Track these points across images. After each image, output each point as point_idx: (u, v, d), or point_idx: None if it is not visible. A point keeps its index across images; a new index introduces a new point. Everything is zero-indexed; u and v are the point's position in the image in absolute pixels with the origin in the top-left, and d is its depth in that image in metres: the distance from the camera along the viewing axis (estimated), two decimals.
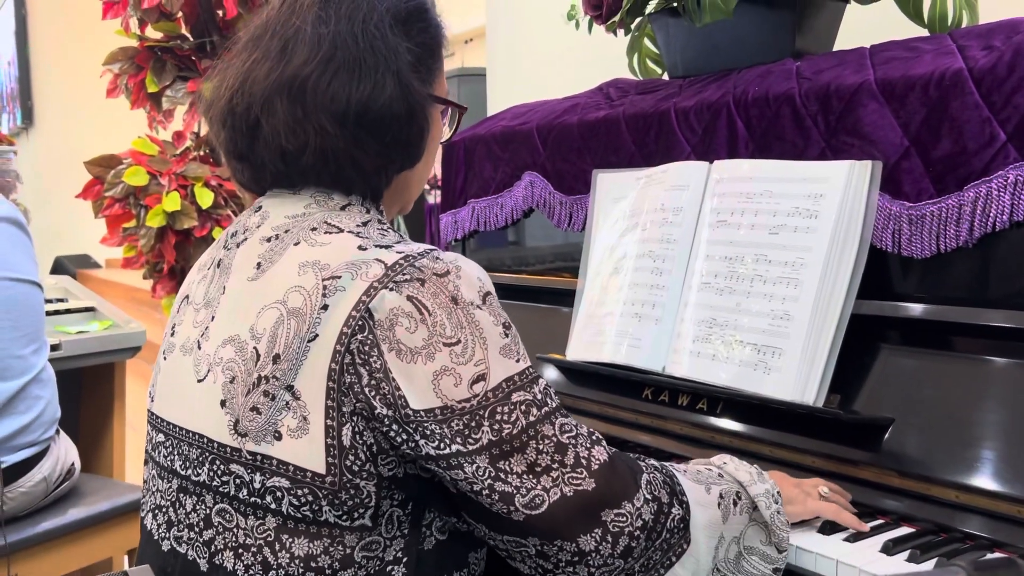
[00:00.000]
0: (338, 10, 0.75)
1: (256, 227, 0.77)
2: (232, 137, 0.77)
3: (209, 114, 0.79)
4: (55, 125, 8.98)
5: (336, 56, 0.74)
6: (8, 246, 1.26)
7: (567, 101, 1.44)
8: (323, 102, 0.73)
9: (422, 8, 0.81)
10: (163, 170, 2.42)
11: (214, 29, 2.57)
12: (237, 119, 0.76)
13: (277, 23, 0.77)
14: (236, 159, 0.79)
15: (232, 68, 0.77)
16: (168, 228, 2.37)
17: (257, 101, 0.74)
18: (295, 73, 0.73)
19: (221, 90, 0.77)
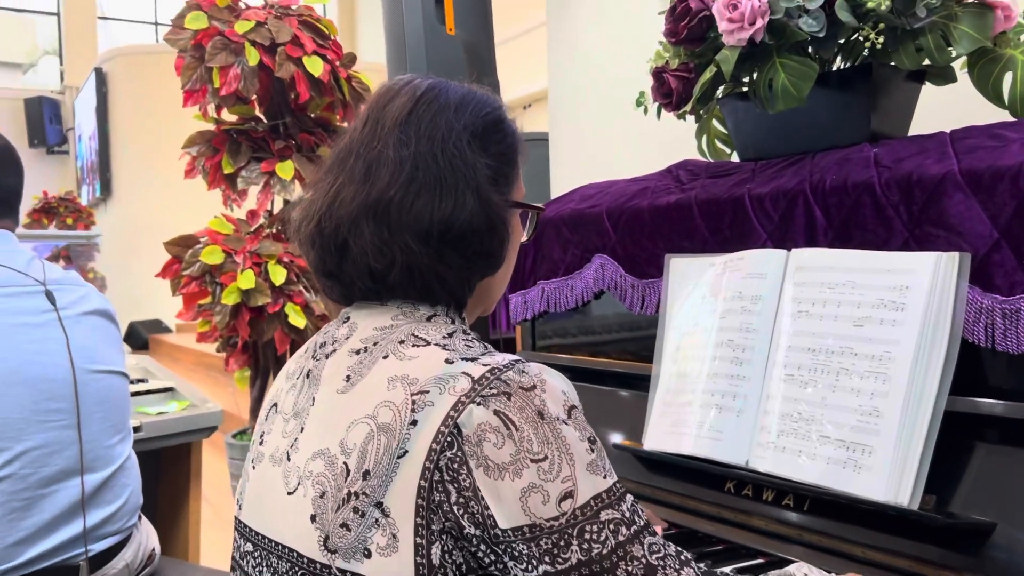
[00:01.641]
0: (418, 131, 0.78)
1: (345, 339, 0.79)
2: (321, 257, 0.80)
3: (298, 236, 0.82)
4: (131, 196, 9.38)
5: (418, 177, 0.76)
6: (100, 339, 1.31)
7: (636, 184, 1.45)
8: (407, 222, 0.75)
9: (498, 120, 0.82)
10: (238, 248, 2.50)
11: (287, 111, 2.67)
12: (326, 240, 0.78)
13: (360, 146, 0.80)
14: (326, 277, 0.82)
15: (319, 191, 0.80)
16: (243, 305, 2.43)
17: (344, 223, 0.77)
18: (380, 196, 0.76)
19: (309, 213, 0.80)
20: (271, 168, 2.56)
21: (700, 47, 1.22)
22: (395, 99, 0.81)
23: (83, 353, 1.26)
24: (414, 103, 0.79)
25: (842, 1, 1.05)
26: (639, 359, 1.38)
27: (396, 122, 0.78)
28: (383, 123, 0.79)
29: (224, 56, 2.41)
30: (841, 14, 1.05)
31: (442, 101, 0.80)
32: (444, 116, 0.79)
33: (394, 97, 0.81)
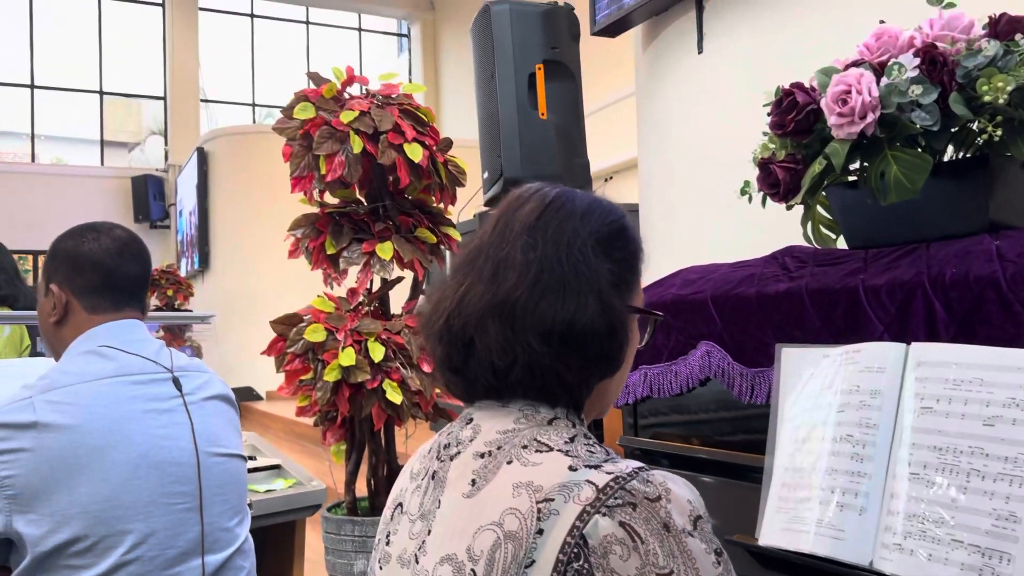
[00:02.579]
0: (544, 235, 0.81)
1: (469, 441, 0.82)
2: (448, 352, 0.83)
3: (427, 331, 0.86)
4: (226, 268, 9.80)
5: (543, 279, 0.79)
6: (221, 423, 1.37)
7: (740, 269, 1.45)
8: (531, 322, 0.78)
9: (622, 228, 0.86)
10: (339, 326, 2.58)
11: (386, 194, 2.77)
12: (454, 337, 0.82)
13: (490, 247, 0.84)
14: (451, 372, 0.85)
15: (449, 289, 0.84)
16: (343, 381, 2.50)
17: (472, 321, 0.80)
18: (506, 296, 0.79)
19: (439, 309, 0.84)
20: (371, 249, 2.65)
21: (807, 139, 1.23)
22: (525, 205, 0.85)
23: (206, 437, 1.32)
24: (543, 209, 0.83)
25: (957, 95, 1.05)
26: (745, 449, 1.36)
27: (524, 226, 0.82)
28: (512, 227, 0.83)
29: (330, 144, 2.53)
30: (956, 107, 1.05)
31: (569, 208, 0.84)
32: (571, 222, 0.83)
33: (524, 203, 0.85)
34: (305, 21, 13.70)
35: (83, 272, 1.32)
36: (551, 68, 2.78)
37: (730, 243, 2.16)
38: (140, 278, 1.37)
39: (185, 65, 12.39)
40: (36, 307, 3.53)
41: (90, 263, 1.32)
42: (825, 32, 1.95)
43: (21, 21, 11.90)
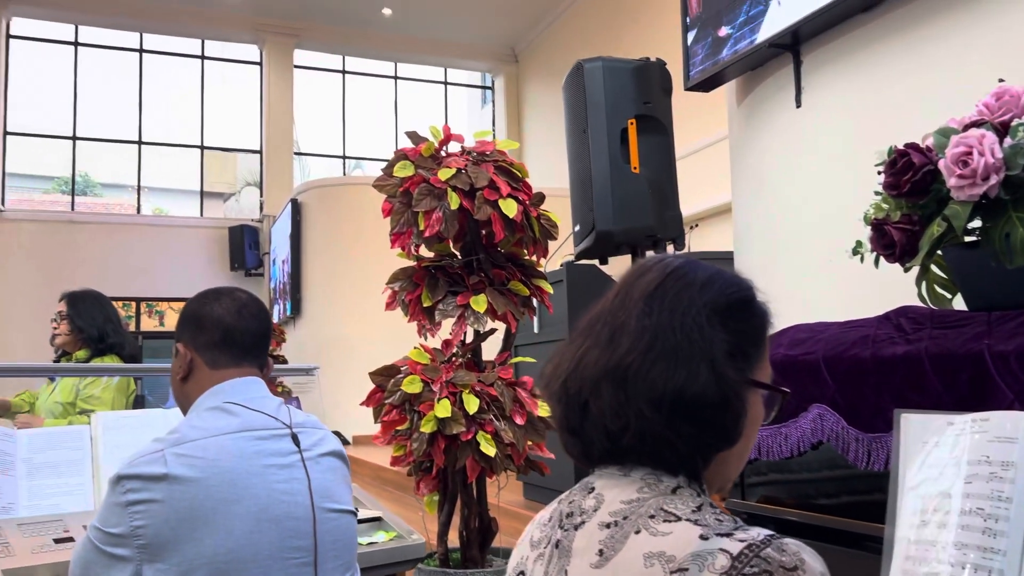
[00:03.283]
0: (661, 303, 0.83)
1: (592, 510, 0.82)
2: (566, 414, 0.85)
3: (547, 391, 0.89)
4: (317, 315, 10.08)
5: (656, 346, 0.80)
6: (334, 479, 1.41)
7: (852, 330, 1.42)
8: (642, 388, 0.79)
9: (744, 300, 0.86)
10: (434, 378, 2.62)
11: (480, 248, 2.82)
12: (571, 399, 0.84)
13: (608, 314, 0.86)
14: (569, 433, 0.87)
15: (568, 352, 0.87)
16: (438, 433, 2.53)
17: (587, 384, 0.82)
18: (619, 361, 0.81)
19: (558, 371, 0.86)
20: (466, 301, 2.69)
21: (923, 200, 1.21)
22: (647, 274, 0.87)
23: (322, 493, 1.36)
24: (663, 278, 0.85)
25: None
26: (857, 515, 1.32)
27: (643, 294, 0.84)
28: (632, 294, 0.85)
29: (429, 201, 2.60)
30: None
31: (689, 278, 0.85)
32: (688, 292, 0.84)
33: (646, 272, 0.87)
34: (393, 76, 14.18)
35: (205, 330, 1.39)
36: (643, 123, 2.80)
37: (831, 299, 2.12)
38: (258, 334, 1.43)
39: (280, 120, 12.95)
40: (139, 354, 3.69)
41: (211, 321, 1.39)
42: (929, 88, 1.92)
43: (131, 83, 12.68)
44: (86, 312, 3.27)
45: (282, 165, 12.93)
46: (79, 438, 1.83)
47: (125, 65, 12.74)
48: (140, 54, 12.75)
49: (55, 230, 11.76)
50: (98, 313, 3.28)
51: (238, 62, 13.38)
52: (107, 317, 3.32)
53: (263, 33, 12.84)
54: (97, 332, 3.24)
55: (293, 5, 12.39)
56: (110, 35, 12.62)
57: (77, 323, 3.25)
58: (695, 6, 2.53)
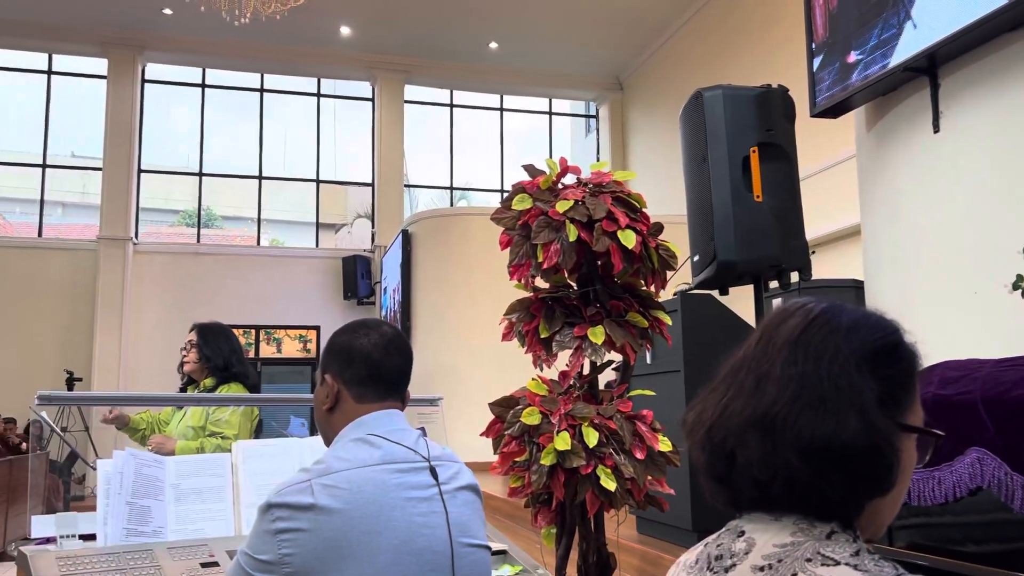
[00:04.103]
0: (805, 351, 0.82)
1: (744, 553, 0.81)
2: (710, 462, 0.86)
3: (690, 439, 0.89)
4: (427, 343, 10.26)
5: (802, 395, 0.80)
6: (470, 513, 1.42)
7: (1011, 369, 1.34)
8: (790, 438, 0.78)
9: (892, 345, 0.83)
10: (553, 410, 2.62)
11: (596, 279, 2.82)
12: (715, 448, 0.84)
13: (752, 361, 0.86)
14: (715, 481, 0.87)
15: (711, 400, 0.87)
16: (558, 465, 2.52)
17: (733, 433, 0.82)
18: (766, 410, 0.80)
19: (702, 419, 0.87)
20: (583, 333, 2.69)
21: None
22: (789, 320, 0.86)
23: (459, 527, 1.38)
24: (806, 324, 0.84)
25: None
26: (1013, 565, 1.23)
27: (787, 341, 0.83)
28: (775, 341, 0.85)
29: (547, 233, 2.62)
30: None
31: (834, 324, 0.84)
32: (834, 338, 0.82)
33: (788, 318, 0.86)
34: (499, 108, 14.42)
35: (353, 364, 1.43)
36: (766, 150, 2.75)
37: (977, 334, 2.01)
38: (402, 371, 1.47)
39: (391, 153, 13.36)
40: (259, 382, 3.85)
41: (360, 356, 1.44)
42: None
43: (252, 121, 13.36)
44: (214, 343, 3.46)
45: (392, 197, 13.31)
46: (221, 465, 1.91)
47: (247, 104, 13.44)
48: (261, 94, 13.42)
49: (182, 261, 12.45)
50: (225, 344, 3.47)
51: (351, 99, 13.90)
52: (232, 348, 3.50)
53: (375, 70, 13.31)
54: (223, 362, 3.43)
55: (404, 42, 12.81)
56: (234, 77, 13.34)
57: (205, 352, 3.44)
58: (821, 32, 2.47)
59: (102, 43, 12.23)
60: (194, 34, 12.21)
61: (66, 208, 13.77)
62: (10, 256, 11.91)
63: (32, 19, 11.75)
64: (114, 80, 12.37)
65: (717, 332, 3.86)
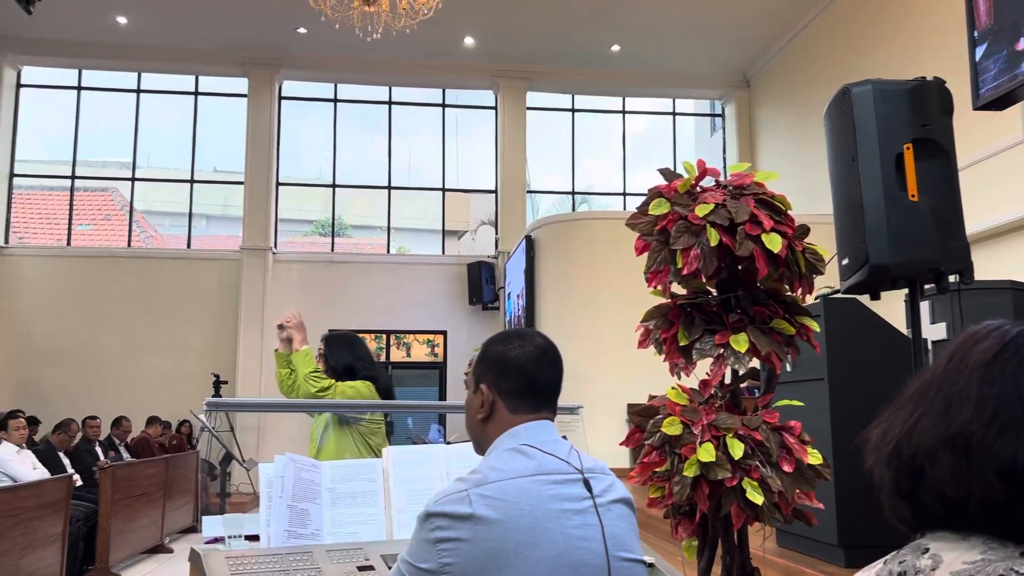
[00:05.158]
0: (1003, 372, 0.81)
1: (930, 570, 0.80)
2: (896, 479, 0.86)
3: (875, 455, 0.90)
4: None
5: (999, 416, 0.79)
6: (626, 527, 1.40)
7: None
8: (987, 459, 0.78)
9: None
10: (694, 420, 2.55)
11: (738, 285, 2.73)
12: (903, 464, 0.85)
13: (942, 380, 0.86)
14: (899, 497, 0.87)
15: (898, 417, 0.88)
16: (701, 477, 2.45)
17: (922, 451, 0.83)
18: (960, 430, 0.80)
19: (888, 436, 0.88)
20: (725, 340, 2.61)
21: None
22: (982, 342, 0.86)
23: (614, 541, 1.35)
24: (1001, 347, 0.84)
25: None
26: None
27: (981, 363, 0.83)
28: (967, 362, 0.85)
29: (686, 238, 2.56)
30: None
31: None
32: None
33: (980, 340, 0.86)
34: (621, 111, 14.31)
35: (509, 375, 1.44)
36: (921, 147, 2.59)
37: None
38: (555, 383, 1.47)
39: (514, 160, 13.49)
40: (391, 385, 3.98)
41: (515, 367, 1.44)
42: None
43: (380, 134, 13.80)
44: (337, 351, 3.69)
45: (515, 203, 13.44)
46: (373, 470, 1.96)
47: (375, 117, 13.90)
48: (389, 106, 13.85)
49: (317, 269, 12.99)
50: (347, 353, 3.69)
51: (475, 107, 14.14)
52: (356, 355, 3.70)
53: (498, 78, 13.48)
54: (343, 369, 3.60)
55: (526, 50, 12.92)
56: (363, 91, 13.83)
57: (329, 361, 3.66)
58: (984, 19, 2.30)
59: (243, 63, 12.94)
60: (326, 51, 12.74)
61: (210, 220, 14.64)
62: (162, 266, 12.77)
63: (181, 45, 12.58)
64: (254, 98, 13.07)
65: (863, 338, 3.67)
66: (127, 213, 13.54)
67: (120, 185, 13.86)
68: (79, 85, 13.20)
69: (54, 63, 12.98)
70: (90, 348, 12.24)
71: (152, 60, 12.87)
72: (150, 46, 12.60)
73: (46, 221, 13.98)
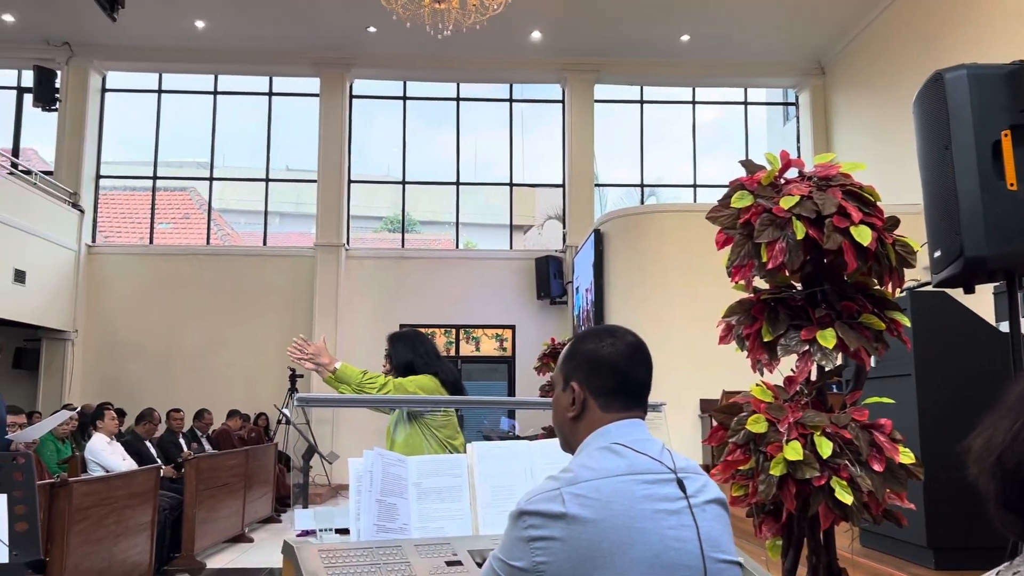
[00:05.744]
0: None
1: None
2: (1002, 490, 0.84)
3: (978, 466, 0.87)
4: None
5: None
6: (720, 528, 1.37)
7: None
8: None
9: None
10: (780, 417, 2.50)
11: (824, 279, 2.65)
12: (1007, 475, 0.83)
13: None
14: (1006, 510, 0.84)
15: (1001, 426, 0.85)
16: (788, 476, 2.40)
17: None
18: None
19: (991, 446, 0.85)
20: (811, 336, 2.54)
21: None
22: None
23: (710, 542, 1.33)
24: None
25: None
26: None
27: None
28: None
29: (771, 231, 2.50)
30: None
31: None
32: None
33: None
34: (691, 101, 14.09)
35: (601, 374, 1.42)
36: (1020, 133, 2.47)
37: None
38: (647, 382, 1.45)
39: (582, 154, 13.42)
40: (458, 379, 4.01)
41: (608, 366, 1.42)
42: None
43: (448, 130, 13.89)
44: (399, 350, 3.82)
45: (583, 197, 13.37)
46: (459, 466, 1.97)
47: (443, 113, 14.00)
48: (457, 102, 13.93)
49: (388, 265, 13.17)
50: (408, 351, 3.79)
51: (542, 102, 14.12)
52: (416, 352, 3.77)
53: (566, 71, 13.43)
54: (404, 365, 3.72)
55: (594, 42, 12.83)
56: (431, 88, 13.94)
57: (392, 360, 3.81)
58: None
59: (315, 63, 13.19)
60: (396, 49, 12.88)
61: (283, 218, 14.97)
62: (239, 263, 13.12)
63: (255, 46, 12.89)
64: (326, 97, 13.31)
65: (953, 332, 3.54)
66: (205, 212, 13.96)
67: (198, 185, 14.30)
68: (159, 88, 13.65)
69: (136, 67, 13.46)
70: (172, 343, 12.68)
71: (228, 62, 13.22)
72: (226, 49, 12.94)
73: (129, 221, 14.51)
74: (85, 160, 12.98)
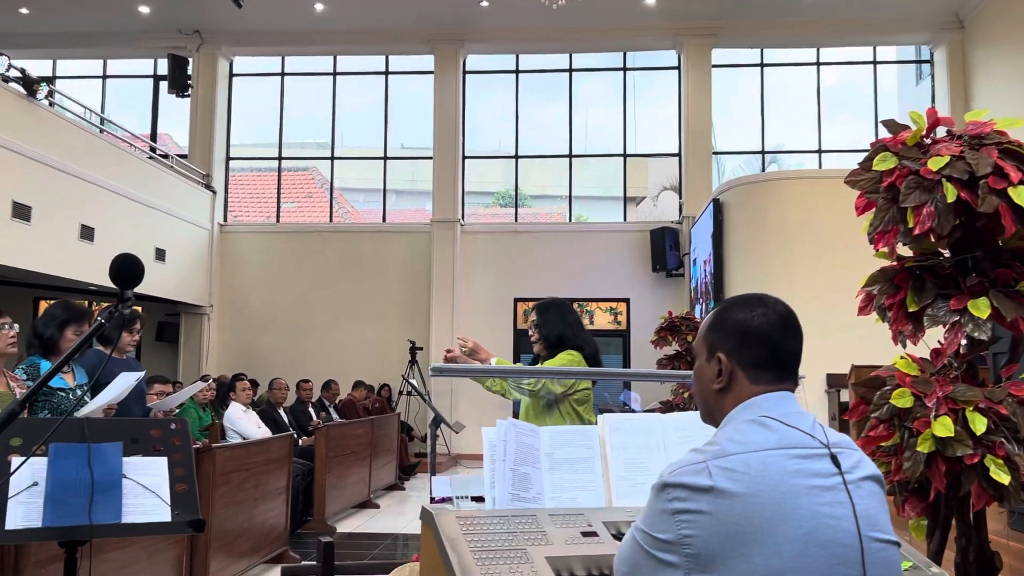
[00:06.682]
0: None
1: None
2: None
3: None
4: None
5: None
6: (877, 506, 1.31)
7: None
8: None
9: None
10: (927, 392, 2.36)
11: (976, 245, 2.48)
12: None
13: None
14: None
15: None
16: (937, 453, 2.27)
17: None
18: None
19: None
20: (962, 305, 2.38)
21: None
22: None
23: (867, 520, 1.27)
24: None
25: None
26: None
27: None
28: None
29: (918, 195, 2.35)
30: None
31: None
32: None
33: None
34: (816, 63, 13.46)
35: (752, 345, 1.37)
36: None
37: None
38: (798, 353, 1.39)
39: (699, 122, 13.06)
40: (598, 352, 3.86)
41: (759, 337, 1.37)
42: None
43: (560, 102, 13.78)
44: (551, 320, 3.59)
45: (700, 166, 13.03)
46: (590, 437, 1.96)
47: (555, 85, 13.90)
48: (570, 74, 13.80)
49: (502, 239, 13.26)
50: (559, 321, 3.58)
51: (656, 69, 13.80)
52: (567, 323, 3.58)
53: (681, 36, 13.06)
54: (555, 338, 3.52)
55: (711, 5, 12.41)
56: (542, 60, 13.85)
57: (542, 331, 3.57)
58: None
59: (429, 40, 13.33)
60: (508, 23, 12.86)
61: (399, 195, 15.29)
62: (360, 240, 13.51)
63: (372, 26, 13.15)
64: (440, 74, 13.45)
65: None
66: (327, 190, 14.43)
67: (319, 164, 14.78)
68: (283, 71, 14.14)
69: (260, 52, 13.97)
70: (300, 317, 13.22)
71: (346, 43, 13.54)
72: (344, 30, 13.25)
73: (257, 200, 15.17)
74: (216, 143, 13.63)
